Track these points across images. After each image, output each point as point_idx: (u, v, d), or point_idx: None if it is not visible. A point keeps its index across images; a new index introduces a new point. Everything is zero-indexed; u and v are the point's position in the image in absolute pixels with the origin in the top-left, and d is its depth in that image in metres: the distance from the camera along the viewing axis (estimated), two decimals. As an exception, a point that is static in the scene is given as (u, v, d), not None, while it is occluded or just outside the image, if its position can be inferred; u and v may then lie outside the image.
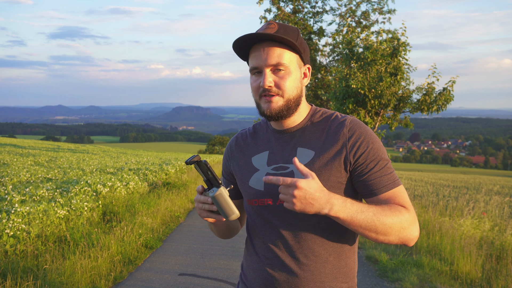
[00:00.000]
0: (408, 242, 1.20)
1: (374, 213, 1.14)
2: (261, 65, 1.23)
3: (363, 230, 1.15)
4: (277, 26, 1.23)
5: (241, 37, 1.21)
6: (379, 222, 1.14)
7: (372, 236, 1.17)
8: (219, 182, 1.17)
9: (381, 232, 1.15)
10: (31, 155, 18.27)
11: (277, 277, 1.27)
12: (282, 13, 16.76)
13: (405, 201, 1.22)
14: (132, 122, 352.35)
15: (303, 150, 1.28)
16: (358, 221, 1.13)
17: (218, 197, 1.16)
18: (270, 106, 1.24)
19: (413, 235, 1.20)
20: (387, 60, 9.63)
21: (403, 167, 65.46)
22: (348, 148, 1.24)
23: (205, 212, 1.23)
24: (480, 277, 4.29)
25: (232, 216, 1.18)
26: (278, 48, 1.22)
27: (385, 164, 1.24)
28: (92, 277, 4.01)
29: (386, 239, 1.17)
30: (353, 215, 1.13)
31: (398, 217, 1.16)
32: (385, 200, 1.22)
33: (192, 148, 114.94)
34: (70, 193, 6.11)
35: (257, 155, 1.36)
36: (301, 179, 1.10)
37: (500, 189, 14.25)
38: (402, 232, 1.17)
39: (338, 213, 1.12)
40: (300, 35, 1.27)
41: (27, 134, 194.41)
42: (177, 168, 13.22)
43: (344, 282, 1.28)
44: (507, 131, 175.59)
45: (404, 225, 1.17)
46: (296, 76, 1.26)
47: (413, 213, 1.21)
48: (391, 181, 1.23)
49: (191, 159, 1.14)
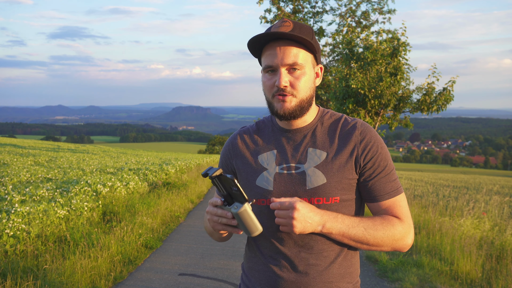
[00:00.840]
0: (401, 250, 1.27)
1: (365, 227, 1.21)
2: (277, 64, 1.21)
3: (355, 243, 1.22)
4: (292, 24, 1.21)
5: (259, 35, 1.20)
6: (370, 236, 1.21)
7: (364, 248, 1.24)
8: (246, 198, 1.11)
9: (373, 244, 1.22)
10: (31, 155, 18.27)
11: (285, 277, 1.26)
12: (282, 13, 16.75)
13: (402, 212, 1.27)
14: (132, 122, 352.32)
15: (315, 151, 1.27)
16: (350, 236, 1.20)
17: (243, 214, 1.11)
18: (283, 105, 1.24)
19: (406, 244, 1.26)
20: (387, 60, 9.63)
21: (403, 167, 65.43)
22: (360, 150, 1.25)
23: (221, 225, 1.19)
24: (480, 277, 4.28)
25: (256, 233, 1.14)
26: (295, 48, 1.21)
27: (390, 170, 1.27)
28: (92, 277, 4.00)
29: (379, 249, 1.24)
30: (345, 230, 1.19)
31: (391, 230, 1.22)
32: (384, 208, 1.27)
33: (192, 148, 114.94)
34: (70, 193, 6.11)
35: (264, 153, 1.33)
36: (297, 200, 1.15)
37: (500, 189, 14.24)
38: (394, 243, 1.24)
39: (331, 229, 1.18)
40: (314, 34, 1.26)
41: (27, 134, 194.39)
42: (177, 168, 13.22)
43: (349, 282, 1.29)
44: (507, 131, 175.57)
45: (397, 237, 1.23)
46: (311, 76, 1.26)
47: (408, 223, 1.26)
48: (394, 188, 1.27)
49: (213, 173, 1.08)
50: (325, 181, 1.23)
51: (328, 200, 1.23)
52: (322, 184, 1.23)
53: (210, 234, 1.42)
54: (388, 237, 1.21)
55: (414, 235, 1.30)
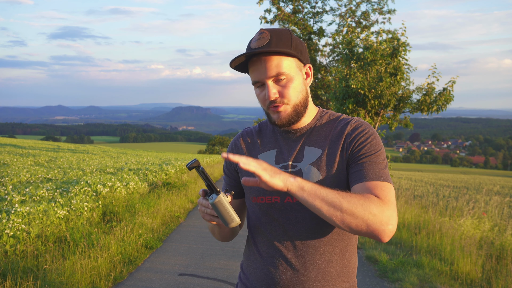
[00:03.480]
0: (379, 233, 1.08)
1: (339, 193, 1.09)
2: (262, 78, 1.24)
3: (328, 208, 1.07)
4: (269, 35, 1.23)
5: (236, 58, 1.23)
6: (344, 200, 1.07)
7: (338, 217, 1.08)
8: (217, 190, 1.16)
9: (347, 211, 1.07)
10: (31, 155, 18.26)
11: (282, 275, 1.27)
12: (282, 13, 16.75)
13: (385, 195, 1.13)
14: (132, 122, 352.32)
15: (311, 149, 1.30)
16: (322, 195, 1.08)
17: (217, 205, 1.16)
18: (280, 115, 1.26)
19: (384, 225, 1.08)
20: (387, 60, 9.63)
21: (403, 167, 65.42)
22: (349, 139, 1.25)
23: (208, 215, 1.23)
24: (480, 277, 4.29)
25: (231, 224, 1.18)
26: (275, 58, 1.22)
27: (378, 159, 1.21)
28: (92, 277, 4.00)
29: (354, 222, 1.07)
30: (316, 188, 1.08)
31: (366, 201, 1.09)
32: (366, 188, 1.16)
33: (192, 148, 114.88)
34: (70, 193, 6.11)
35: (264, 153, 1.37)
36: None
37: (500, 189, 14.25)
38: (371, 217, 1.07)
39: (303, 183, 1.08)
40: (293, 37, 1.26)
41: (27, 134, 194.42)
42: (177, 168, 13.22)
43: (346, 282, 1.30)
44: (507, 131, 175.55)
45: (374, 211, 1.07)
46: (299, 80, 1.27)
47: (389, 206, 1.11)
48: (382, 175, 1.18)
49: (191, 164, 1.13)
50: (320, 177, 1.25)
51: None
52: (318, 181, 1.24)
53: (212, 232, 1.44)
54: (363, 206, 1.07)
55: (414, 235, 1.26)
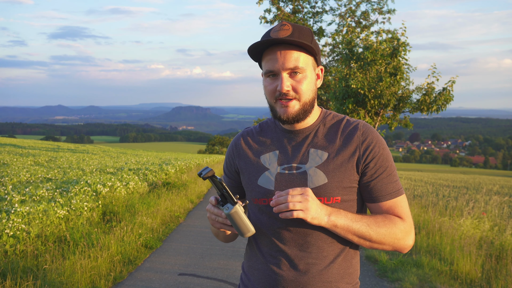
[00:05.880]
0: (402, 250, 1.26)
1: (368, 223, 1.21)
2: (278, 69, 1.22)
3: (358, 239, 1.21)
4: (292, 28, 1.22)
5: (259, 42, 1.21)
6: (373, 231, 1.20)
7: (367, 245, 1.23)
8: (234, 200, 1.15)
9: (376, 240, 1.21)
10: (31, 155, 18.25)
11: (284, 275, 1.26)
12: (282, 13, 16.75)
13: (403, 212, 1.27)
14: (132, 122, 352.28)
15: (316, 152, 1.28)
16: (353, 230, 1.20)
17: (233, 215, 1.14)
18: (287, 110, 1.25)
19: (407, 244, 1.26)
20: (387, 60, 9.62)
21: (403, 167, 65.42)
22: (362, 151, 1.26)
23: (219, 223, 1.23)
24: (480, 277, 4.29)
25: (247, 234, 1.17)
26: (295, 52, 1.21)
27: (392, 171, 1.27)
28: (92, 277, 4.00)
29: (380, 247, 1.23)
30: (349, 224, 1.19)
31: (393, 228, 1.22)
32: (386, 209, 1.27)
33: (192, 148, 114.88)
34: (70, 193, 6.11)
35: (266, 154, 1.34)
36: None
37: (500, 189, 14.24)
38: (396, 242, 1.23)
39: (336, 221, 1.18)
40: (313, 36, 1.27)
41: (27, 134, 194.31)
42: (177, 168, 13.21)
43: (349, 283, 1.29)
44: (507, 131, 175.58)
45: (399, 236, 1.23)
46: (312, 79, 1.26)
47: (409, 223, 1.26)
48: (395, 189, 1.27)
49: (206, 173, 1.10)
50: (326, 181, 1.24)
51: (329, 200, 1.24)
52: (323, 184, 1.23)
53: (215, 235, 1.44)
54: (390, 235, 1.22)
55: (414, 236, 1.30)
